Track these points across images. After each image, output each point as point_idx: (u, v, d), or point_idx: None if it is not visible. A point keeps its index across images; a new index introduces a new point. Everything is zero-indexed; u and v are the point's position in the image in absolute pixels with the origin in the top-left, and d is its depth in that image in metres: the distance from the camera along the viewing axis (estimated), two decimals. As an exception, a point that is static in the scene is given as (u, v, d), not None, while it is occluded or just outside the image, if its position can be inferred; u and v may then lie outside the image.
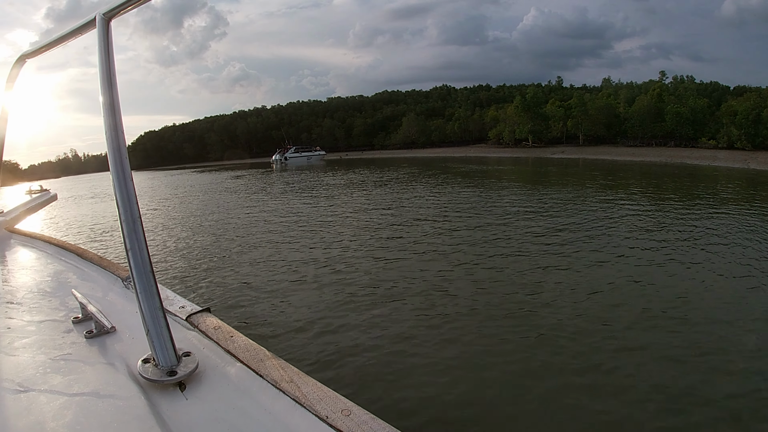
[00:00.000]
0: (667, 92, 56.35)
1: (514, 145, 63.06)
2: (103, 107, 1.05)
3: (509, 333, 5.92)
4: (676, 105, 51.60)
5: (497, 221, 13.30)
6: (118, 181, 1.01)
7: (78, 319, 1.29)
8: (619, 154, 45.41)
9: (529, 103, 60.18)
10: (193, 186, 35.93)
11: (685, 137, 50.99)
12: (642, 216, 13.74)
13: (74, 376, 1.01)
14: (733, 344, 5.47)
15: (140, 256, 0.99)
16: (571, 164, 37.89)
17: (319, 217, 15.69)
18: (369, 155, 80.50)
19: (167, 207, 21.95)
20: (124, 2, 1.08)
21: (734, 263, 8.75)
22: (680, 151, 44.62)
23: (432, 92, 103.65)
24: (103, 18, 1.10)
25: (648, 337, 5.69)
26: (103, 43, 1.08)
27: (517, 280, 8.00)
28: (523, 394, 4.60)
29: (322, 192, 24.11)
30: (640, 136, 53.91)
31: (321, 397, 0.85)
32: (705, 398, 4.43)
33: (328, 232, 13.09)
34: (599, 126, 56.98)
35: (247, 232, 14.12)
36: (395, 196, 20.72)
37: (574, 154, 49.36)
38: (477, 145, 72.04)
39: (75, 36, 1.33)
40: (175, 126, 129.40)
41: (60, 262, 1.99)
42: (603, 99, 60.08)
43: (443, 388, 4.65)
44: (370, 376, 4.95)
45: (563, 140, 60.25)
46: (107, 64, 1.07)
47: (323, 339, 5.87)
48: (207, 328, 1.15)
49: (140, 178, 59.56)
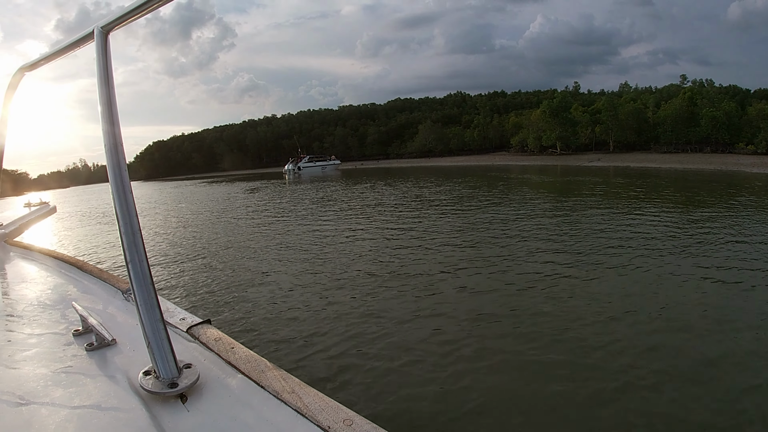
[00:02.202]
0: (699, 96, 53.85)
1: (539, 152, 60.69)
2: (102, 121, 1.05)
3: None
4: (711, 109, 49.32)
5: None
6: (118, 194, 1.01)
7: (78, 332, 1.28)
8: (663, 162, 42.71)
9: (557, 107, 57.79)
10: (194, 203, 31.39)
11: (722, 142, 48.71)
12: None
13: (75, 388, 1.02)
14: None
15: (140, 269, 0.99)
16: (620, 173, 35.03)
17: (338, 239, 13.01)
18: (385, 164, 78.54)
19: (165, 229, 19.66)
20: (122, 15, 1.06)
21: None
22: (724, 158, 42.13)
23: (446, 99, 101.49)
24: (101, 31, 1.08)
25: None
26: (101, 57, 1.07)
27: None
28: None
29: (342, 211, 21.10)
30: (674, 142, 51.53)
31: (323, 407, 0.86)
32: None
33: (340, 253, 11.08)
34: (629, 132, 54.58)
35: (249, 244, 13.14)
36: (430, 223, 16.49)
37: (611, 162, 46.75)
38: (498, 153, 69.88)
39: (73, 49, 1.30)
40: (183, 135, 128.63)
41: (60, 275, 1.99)
42: (631, 103, 57.74)
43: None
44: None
45: (592, 147, 57.89)
46: (106, 78, 1.06)
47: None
48: (208, 340, 1.16)
49: (144, 190, 57.38)
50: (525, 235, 12.08)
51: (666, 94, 63.72)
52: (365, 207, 20.72)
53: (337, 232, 13.98)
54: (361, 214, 18.38)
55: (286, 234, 14.34)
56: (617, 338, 5.64)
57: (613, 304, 6.79)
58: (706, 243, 10.35)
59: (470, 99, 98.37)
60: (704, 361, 4.99)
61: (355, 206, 21.37)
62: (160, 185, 74.65)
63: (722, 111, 49.11)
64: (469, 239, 11.85)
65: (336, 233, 13.85)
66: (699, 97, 53.42)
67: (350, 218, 17.21)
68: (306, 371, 5.10)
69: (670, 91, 65.70)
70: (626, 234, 11.57)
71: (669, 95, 61.19)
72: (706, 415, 4.07)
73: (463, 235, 12.43)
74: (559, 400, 4.39)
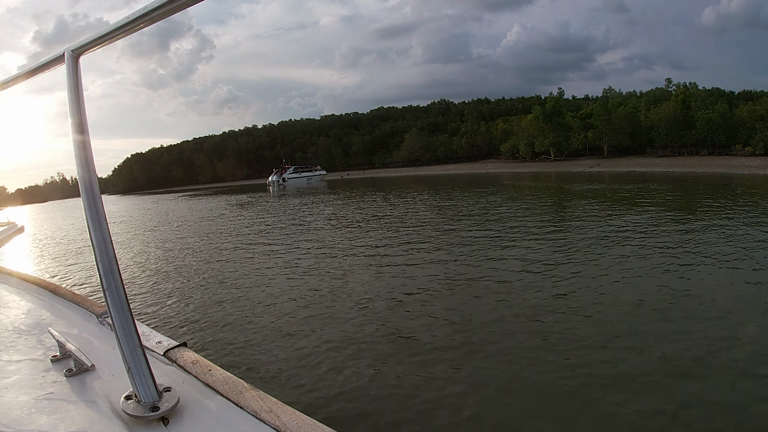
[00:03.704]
0: (693, 98, 52.87)
1: (531, 158, 58.97)
2: (75, 145, 1.04)
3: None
4: (706, 111, 48.27)
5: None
6: (92, 221, 1.01)
7: (56, 358, 1.28)
8: (667, 166, 41.20)
9: (551, 112, 56.17)
10: (175, 225, 28.34)
11: (718, 145, 47.62)
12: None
13: (59, 415, 1.02)
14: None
15: (117, 296, 1.00)
16: (623, 179, 33.18)
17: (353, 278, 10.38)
18: (372, 174, 76.16)
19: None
20: (93, 40, 1.04)
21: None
22: (726, 160, 40.79)
23: (431, 107, 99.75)
24: (72, 55, 1.07)
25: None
26: (72, 81, 1.06)
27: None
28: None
29: (340, 231, 18.83)
30: (669, 146, 50.31)
31: (300, 425, 0.88)
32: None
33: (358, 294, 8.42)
34: (624, 136, 53.20)
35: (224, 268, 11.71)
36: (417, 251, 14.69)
37: (611, 167, 45.09)
38: (488, 160, 68.05)
39: (44, 71, 1.26)
40: (162, 148, 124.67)
41: (32, 298, 1.97)
42: (623, 107, 56.52)
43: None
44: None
45: (585, 152, 56.39)
46: (77, 102, 1.05)
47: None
48: (185, 363, 1.17)
49: (121, 206, 53.84)
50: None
51: (652, 98, 63.26)
52: (366, 226, 18.08)
53: (348, 264, 11.37)
54: (368, 234, 15.78)
55: (280, 266, 11.68)
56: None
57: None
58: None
59: (454, 106, 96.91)
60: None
61: (356, 224, 18.70)
62: (138, 200, 70.87)
63: (717, 113, 48.14)
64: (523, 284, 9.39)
65: (345, 265, 11.24)
66: (692, 99, 52.39)
67: (352, 240, 14.60)
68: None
69: (656, 95, 65.23)
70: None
71: (656, 99, 60.63)
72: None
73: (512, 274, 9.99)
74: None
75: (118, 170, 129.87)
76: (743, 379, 4.61)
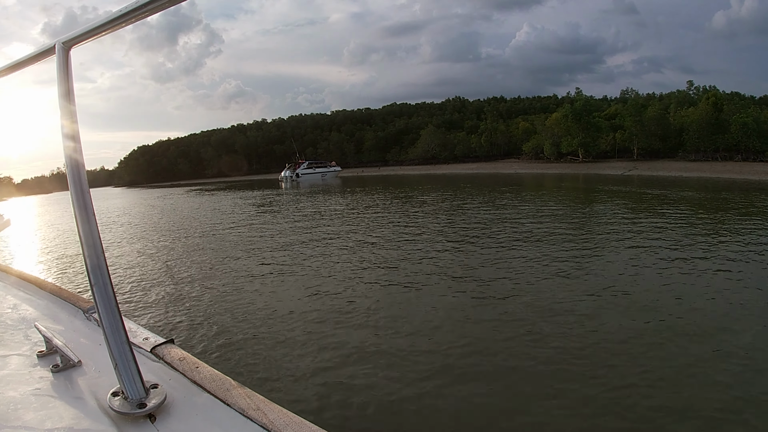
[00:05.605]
0: (725, 101, 51.30)
1: (555, 159, 57.34)
2: (64, 139, 1.03)
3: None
4: (742, 115, 46.70)
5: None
6: (81, 215, 1.01)
7: (42, 353, 1.27)
8: (712, 171, 39.51)
9: (580, 111, 54.46)
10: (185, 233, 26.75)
11: (753, 150, 46.08)
12: None
13: (46, 411, 1.02)
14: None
15: (105, 292, 1.00)
16: (684, 184, 31.54)
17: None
18: (387, 171, 74.50)
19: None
20: (84, 32, 1.03)
21: None
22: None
23: (445, 104, 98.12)
24: (63, 47, 1.06)
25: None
26: (62, 72, 1.05)
27: None
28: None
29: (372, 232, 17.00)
30: (702, 150, 48.74)
31: (287, 423, 0.88)
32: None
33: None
34: (654, 138, 51.58)
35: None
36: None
37: (648, 171, 43.38)
38: (508, 160, 66.44)
39: (33, 62, 1.25)
40: (169, 140, 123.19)
41: (18, 293, 1.91)
42: (653, 108, 54.91)
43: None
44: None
45: (614, 154, 54.77)
46: (67, 95, 1.04)
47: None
48: (172, 360, 1.17)
49: (125, 200, 52.22)
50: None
51: (674, 100, 61.78)
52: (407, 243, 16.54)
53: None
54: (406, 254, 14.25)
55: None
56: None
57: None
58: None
59: (470, 104, 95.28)
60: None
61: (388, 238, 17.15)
62: (144, 193, 69.20)
63: (751, 117, 46.62)
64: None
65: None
66: (725, 102, 50.81)
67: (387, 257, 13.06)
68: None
69: (678, 98, 63.71)
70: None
71: (679, 101, 59.21)
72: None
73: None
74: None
75: (123, 162, 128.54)
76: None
